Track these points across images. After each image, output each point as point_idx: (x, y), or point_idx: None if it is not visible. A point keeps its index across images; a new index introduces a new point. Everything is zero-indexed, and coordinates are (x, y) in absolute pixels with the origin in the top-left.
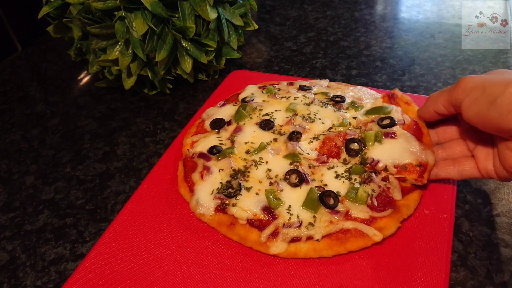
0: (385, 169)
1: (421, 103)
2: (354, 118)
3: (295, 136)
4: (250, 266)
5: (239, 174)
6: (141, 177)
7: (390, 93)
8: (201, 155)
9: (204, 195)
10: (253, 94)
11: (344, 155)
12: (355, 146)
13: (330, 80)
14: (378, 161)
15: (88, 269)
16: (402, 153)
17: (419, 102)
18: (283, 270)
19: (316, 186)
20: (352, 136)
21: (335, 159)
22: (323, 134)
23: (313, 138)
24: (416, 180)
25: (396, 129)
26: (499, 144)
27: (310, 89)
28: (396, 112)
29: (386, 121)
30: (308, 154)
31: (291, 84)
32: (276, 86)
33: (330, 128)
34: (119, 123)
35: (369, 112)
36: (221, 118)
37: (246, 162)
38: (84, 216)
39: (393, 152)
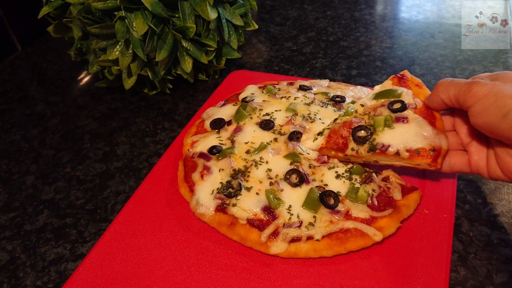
0: (397, 153)
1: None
2: (362, 105)
3: (295, 136)
4: (250, 266)
5: (239, 174)
6: (141, 177)
7: (400, 75)
8: (201, 155)
9: (204, 195)
10: (253, 94)
11: (351, 144)
12: (362, 133)
13: (330, 80)
14: (389, 146)
15: (88, 269)
16: (414, 138)
17: None
18: (283, 270)
19: (316, 186)
20: (358, 124)
21: (336, 160)
22: (327, 128)
23: (318, 134)
24: (429, 165)
25: (407, 113)
26: (498, 148)
27: (310, 89)
28: (407, 95)
29: (397, 105)
30: (309, 154)
31: (291, 84)
32: (276, 86)
33: (335, 120)
34: (119, 123)
35: (378, 96)
36: (221, 118)
37: (246, 162)
38: (84, 216)
39: (404, 136)
